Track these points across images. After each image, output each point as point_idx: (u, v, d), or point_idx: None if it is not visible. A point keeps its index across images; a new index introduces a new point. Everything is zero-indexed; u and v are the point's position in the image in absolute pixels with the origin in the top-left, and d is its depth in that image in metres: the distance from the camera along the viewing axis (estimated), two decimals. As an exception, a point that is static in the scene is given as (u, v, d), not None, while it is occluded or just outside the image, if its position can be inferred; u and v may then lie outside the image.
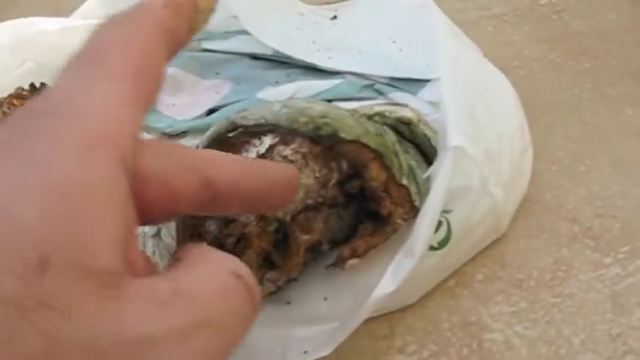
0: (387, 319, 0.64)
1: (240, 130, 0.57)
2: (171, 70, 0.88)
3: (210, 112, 0.84)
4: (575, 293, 0.64)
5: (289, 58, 0.86)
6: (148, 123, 0.83)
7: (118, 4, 0.97)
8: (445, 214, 0.63)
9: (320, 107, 0.58)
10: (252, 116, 0.58)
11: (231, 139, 0.57)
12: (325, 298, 0.63)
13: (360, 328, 0.59)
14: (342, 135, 0.57)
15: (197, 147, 0.61)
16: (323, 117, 0.57)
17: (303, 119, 0.57)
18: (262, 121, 0.57)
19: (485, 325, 0.63)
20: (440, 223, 0.62)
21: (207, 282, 0.23)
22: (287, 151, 0.56)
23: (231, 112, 0.81)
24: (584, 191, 0.72)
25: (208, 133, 0.60)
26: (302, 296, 0.63)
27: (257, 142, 0.57)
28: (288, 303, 0.63)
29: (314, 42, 0.87)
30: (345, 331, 0.61)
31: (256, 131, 0.57)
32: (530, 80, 0.86)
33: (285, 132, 0.56)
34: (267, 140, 0.57)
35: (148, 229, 0.61)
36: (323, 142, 0.57)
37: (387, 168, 0.59)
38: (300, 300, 0.63)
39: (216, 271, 0.24)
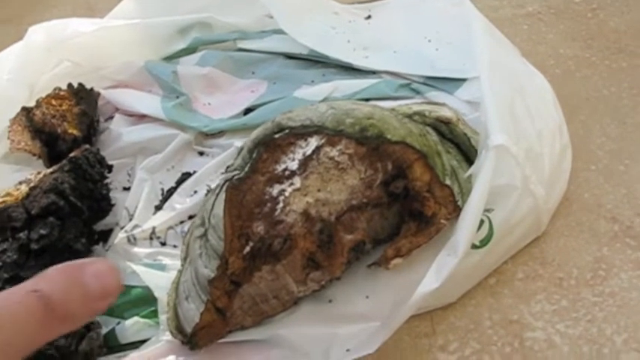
0: (429, 318, 0.65)
1: (286, 131, 0.57)
2: (206, 70, 0.89)
3: (247, 111, 0.84)
4: (617, 292, 0.64)
5: (324, 57, 0.86)
6: (184, 122, 0.83)
7: (151, 5, 0.97)
8: (487, 213, 0.63)
9: (366, 109, 0.59)
10: (298, 117, 0.58)
11: (277, 140, 0.57)
12: (367, 297, 0.63)
13: (401, 326, 0.59)
14: (388, 136, 0.57)
15: (242, 148, 0.61)
16: (369, 118, 0.58)
17: (349, 120, 0.57)
18: (308, 122, 0.57)
19: (526, 323, 0.63)
20: (482, 222, 0.63)
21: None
22: (333, 152, 0.57)
23: (268, 111, 0.81)
24: (623, 190, 0.72)
25: (253, 135, 0.60)
26: (344, 294, 0.63)
27: (303, 143, 0.57)
28: (330, 301, 0.63)
29: (349, 41, 0.88)
30: (388, 329, 0.61)
31: (302, 132, 0.57)
32: (567, 79, 0.86)
33: (331, 133, 0.57)
34: (313, 141, 0.57)
35: (196, 231, 0.61)
36: (369, 143, 0.57)
37: (430, 168, 0.59)
38: (342, 298, 0.63)
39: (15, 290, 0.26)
